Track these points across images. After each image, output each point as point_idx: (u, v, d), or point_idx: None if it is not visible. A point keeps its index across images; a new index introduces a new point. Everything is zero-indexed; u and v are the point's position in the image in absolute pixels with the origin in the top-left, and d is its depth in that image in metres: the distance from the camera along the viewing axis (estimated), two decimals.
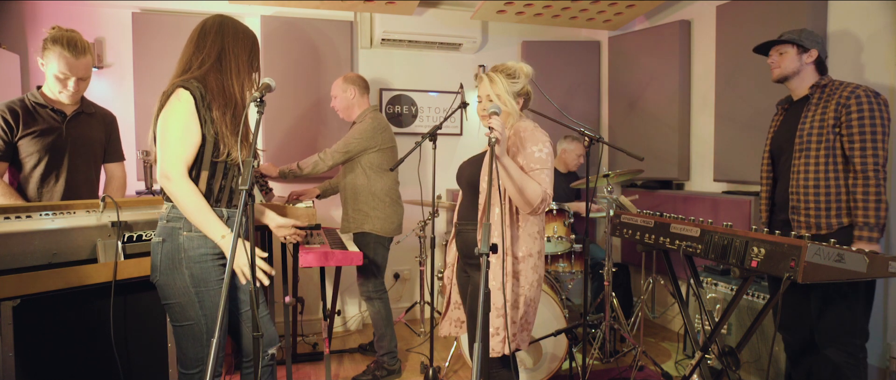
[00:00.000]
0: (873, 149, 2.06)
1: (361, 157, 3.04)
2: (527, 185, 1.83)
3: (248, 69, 1.84)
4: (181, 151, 1.66)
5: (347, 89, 3.11)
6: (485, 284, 1.35)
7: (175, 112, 1.67)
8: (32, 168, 2.26)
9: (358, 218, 3.07)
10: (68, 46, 2.16)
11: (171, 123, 1.67)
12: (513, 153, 1.95)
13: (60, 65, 2.17)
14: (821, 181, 2.17)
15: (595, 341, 3.28)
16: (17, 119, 2.20)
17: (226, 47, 1.79)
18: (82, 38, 2.22)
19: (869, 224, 2.07)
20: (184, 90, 1.68)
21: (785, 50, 2.28)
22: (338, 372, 3.24)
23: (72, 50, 2.17)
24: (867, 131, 2.07)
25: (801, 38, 2.24)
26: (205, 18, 1.84)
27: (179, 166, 1.65)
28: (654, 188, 4.03)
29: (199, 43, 1.78)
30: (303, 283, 3.73)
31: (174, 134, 1.66)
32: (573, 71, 4.40)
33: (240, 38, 1.83)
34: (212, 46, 1.78)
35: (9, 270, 1.71)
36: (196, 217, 1.66)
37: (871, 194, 2.06)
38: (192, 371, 1.75)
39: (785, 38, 2.27)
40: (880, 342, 2.66)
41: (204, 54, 1.77)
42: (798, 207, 2.24)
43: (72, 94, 2.26)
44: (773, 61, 2.33)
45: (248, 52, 1.84)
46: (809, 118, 2.22)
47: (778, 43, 2.30)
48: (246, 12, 3.74)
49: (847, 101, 2.11)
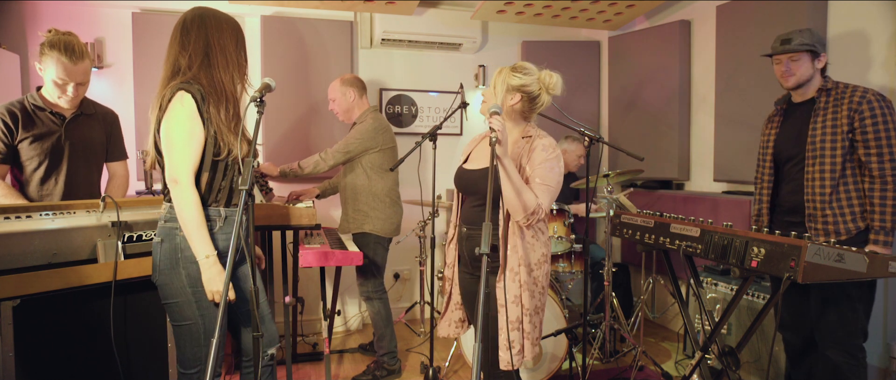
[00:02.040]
0: (889, 153, 2.07)
1: (362, 157, 3.04)
2: (524, 190, 1.81)
3: (236, 60, 1.79)
4: (189, 156, 1.66)
5: (346, 92, 3.11)
6: (485, 284, 1.35)
7: (179, 116, 1.65)
8: (33, 171, 2.26)
9: (358, 218, 3.07)
10: (66, 51, 2.10)
11: (176, 127, 1.65)
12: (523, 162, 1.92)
13: (58, 70, 2.12)
14: (840, 187, 2.16)
15: (595, 341, 3.28)
16: (17, 122, 2.20)
17: (211, 41, 1.74)
18: (80, 42, 2.18)
19: (885, 228, 2.08)
20: (185, 93, 1.66)
21: (799, 57, 2.22)
22: (338, 372, 3.24)
23: (69, 55, 2.11)
24: (882, 136, 2.08)
25: (814, 44, 2.19)
26: (183, 14, 1.77)
27: (188, 172, 1.65)
28: (654, 188, 4.03)
29: (183, 40, 1.73)
30: (303, 283, 3.73)
31: (181, 138, 1.65)
32: (573, 71, 4.39)
33: (224, 28, 1.77)
34: (196, 42, 1.73)
35: (9, 270, 1.71)
36: (189, 227, 1.65)
37: (889, 199, 2.08)
38: (191, 371, 1.75)
39: (800, 47, 2.19)
40: (880, 342, 2.66)
41: (190, 52, 1.72)
42: (815, 215, 2.21)
43: (71, 98, 2.23)
44: (786, 69, 2.25)
45: (234, 42, 1.79)
46: (820, 124, 2.20)
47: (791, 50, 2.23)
48: (246, 12, 3.74)
49: (859, 106, 2.10)
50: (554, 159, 1.91)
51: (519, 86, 1.95)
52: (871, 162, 2.10)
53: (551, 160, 1.90)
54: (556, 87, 1.98)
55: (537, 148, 1.92)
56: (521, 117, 2.02)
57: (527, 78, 1.96)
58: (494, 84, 1.98)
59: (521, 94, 1.96)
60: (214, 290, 1.66)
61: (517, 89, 1.95)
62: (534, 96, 1.98)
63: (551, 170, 1.89)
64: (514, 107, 1.97)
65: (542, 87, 1.98)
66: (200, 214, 1.66)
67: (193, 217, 1.65)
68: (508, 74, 1.96)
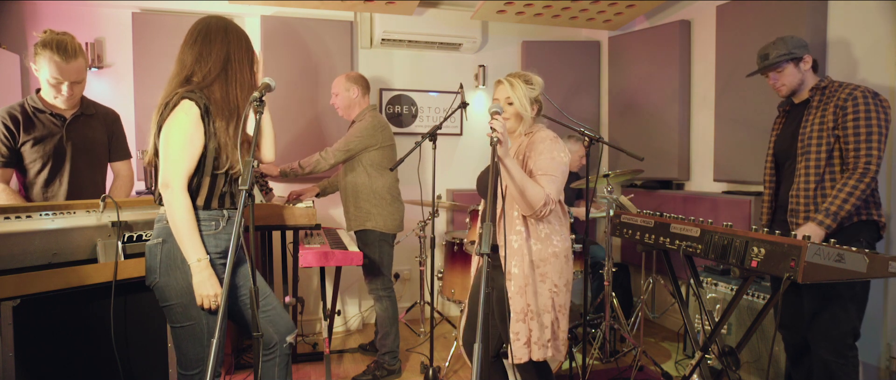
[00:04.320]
0: (867, 148, 2.05)
1: (362, 155, 3.05)
2: (528, 186, 1.84)
3: (249, 79, 1.81)
4: (183, 163, 1.66)
5: (351, 88, 3.11)
6: (486, 284, 1.35)
7: (180, 123, 1.66)
8: (36, 174, 2.26)
9: (360, 216, 3.08)
10: (58, 50, 2.10)
11: (175, 133, 1.66)
12: (526, 157, 1.98)
13: (51, 70, 2.12)
14: (825, 184, 2.16)
15: (595, 341, 3.28)
16: (18, 125, 2.19)
17: (231, 55, 1.77)
18: (73, 41, 2.16)
19: (831, 213, 2.05)
20: (190, 102, 1.67)
21: (782, 68, 2.26)
22: (338, 372, 3.24)
23: (62, 54, 2.10)
24: (863, 131, 2.06)
25: (791, 52, 2.22)
26: (206, 19, 1.79)
27: (180, 178, 1.66)
28: (654, 188, 4.03)
29: (204, 48, 1.74)
30: (303, 283, 3.73)
31: (178, 145, 1.66)
32: (573, 71, 4.40)
33: (243, 45, 1.80)
34: (218, 53, 1.75)
35: (9, 270, 1.71)
36: (181, 231, 1.65)
37: (848, 188, 2.05)
38: (192, 372, 1.74)
39: (778, 60, 2.24)
40: (880, 342, 2.65)
41: (211, 62, 1.74)
42: (797, 210, 2.24)
43: (66, 98, 2.22)
44: (774, 82, 2.31)
45: (250, 61, 1.82)
46: (810, 122, 2.21)
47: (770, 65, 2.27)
48: (246, 12, 3.74)
49: (844, 102, 2.10)
50: (554, 149, 1.97)
51: (536, 97, 2.08)
52: (849, 155, 2.09)
53: (551, 150, 1.96)
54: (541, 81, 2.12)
55: (536, 141, 2.00)
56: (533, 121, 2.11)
57: (538, 89, 2.08)
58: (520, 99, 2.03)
59: (537, 103, 2.09)
60: (204, 294, 1.66)
61: (535, 100, 2.08)
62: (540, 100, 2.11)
63: (552, 159, 1.94)
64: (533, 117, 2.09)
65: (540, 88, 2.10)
66: (192, 219, 1.66)
67: (184, 221, 1.65)
68: (526, 88, 2.04)
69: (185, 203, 1.66)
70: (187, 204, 1.66)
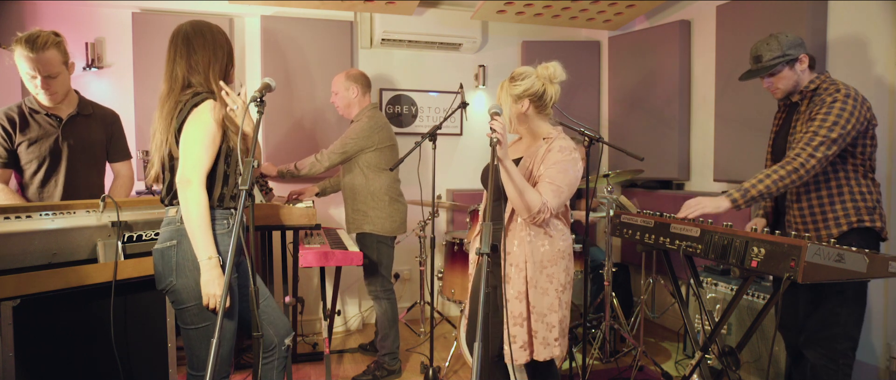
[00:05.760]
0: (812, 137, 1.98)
1: (359, 157, 3.04)
2: (526, 190, 1.83)
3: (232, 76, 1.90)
4: (204, 159, 1.69)
5: (350, 87, 3.10)
6: (486, 284, 1.35)
7: (205, 122, 1.70)
8: (33, 174, 2.27)
9: (357, 218, 3.07)
10: (27, 43, 2.10)
11: (200, 130, 1.69)
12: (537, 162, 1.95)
13: (23, 65, 2.13)
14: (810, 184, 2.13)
15: (595, 341, 3.28)
16: (14, 126, 2.20)
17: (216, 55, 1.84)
18: (47, 34, 2.15)
19: (747, 194, 1.99)
20: (214, 102, 1.72)
21: (776, 72, 2.18)
22: (338, 372, 3.24)
23: (30, 46, 2.10)
24: (818, 122, 1.99)
25: (786, 54, 2.13)
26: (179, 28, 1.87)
27: (201, 174, 1.68)
28: (654, 188, 4.03)
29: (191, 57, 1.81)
30: (303, 283, 3.73)
31: (202, 141, 1.69)
32: (573, 71, 4.31)
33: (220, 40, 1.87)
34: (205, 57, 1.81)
35: (9, 270, 1.71)
36: (195, 228, 1.66)
37: (775, 175, 1.99)
38: (203, 372, 1.74)
39: (772, 64, 2.15)
40: (880, 342, 2.65)
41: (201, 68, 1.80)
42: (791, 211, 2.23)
43: (47, 94, 2.20)
44: (769, 85, 2.24)
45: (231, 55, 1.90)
46: (798, 122, 2.18)
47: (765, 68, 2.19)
48: (246, 12, 3.74)
49: (823, 98, 2.04)
50: (569, 161, 1.92)
51: (522, 92, 2.00)
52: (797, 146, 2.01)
53: (565, 161, 1.92)
54: (557, 74, 2.03)
55: (554, 149, 1.95)
56: (538, 117, 2.06)
57: (526, 81, 2.00)
58: (501, 101, 2.02)
59: (527, 98, 2.01)
60: (211, 293, 1.66)
61: (521, 96, 2.00)
62: (540, 94, 2.02)
63: (564, 171, 1.90)
64: (527, 113, 2.02)
65: (543, 81, 2.02)
66: (207, 216, 1.68)
67: (201, 217, 1.66)
68: (509, 87, 2.01)
69: (203, 200, 1.67)
70: (205, 201, 1.68)
